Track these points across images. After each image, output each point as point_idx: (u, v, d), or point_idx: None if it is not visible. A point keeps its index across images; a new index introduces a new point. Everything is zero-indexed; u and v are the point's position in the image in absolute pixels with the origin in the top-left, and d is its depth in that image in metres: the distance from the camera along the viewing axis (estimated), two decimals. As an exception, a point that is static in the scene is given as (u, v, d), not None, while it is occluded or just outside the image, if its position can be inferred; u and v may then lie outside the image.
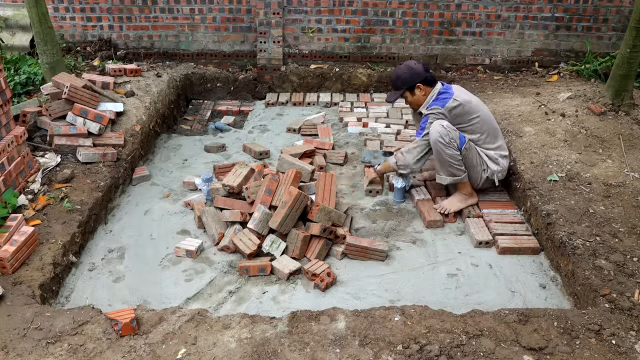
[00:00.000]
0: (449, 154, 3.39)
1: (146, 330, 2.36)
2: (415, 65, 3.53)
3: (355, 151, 4.42)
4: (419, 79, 3.49)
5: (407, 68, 3.54)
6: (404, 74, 3.53)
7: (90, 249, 3.24)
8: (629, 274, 2.71)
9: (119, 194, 3.77)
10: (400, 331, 2.33)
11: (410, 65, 3.54)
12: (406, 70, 3.54)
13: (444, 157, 3.41)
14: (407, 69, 3.54)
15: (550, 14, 5.47)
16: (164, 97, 4.96)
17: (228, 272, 3.06)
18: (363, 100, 5.45)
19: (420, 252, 3.25)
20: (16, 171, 3.29)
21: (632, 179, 3.45)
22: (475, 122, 3.46)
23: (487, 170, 3.53)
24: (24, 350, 2.25)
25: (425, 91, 3.52)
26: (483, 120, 3.49)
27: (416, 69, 3.51)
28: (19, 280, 2.67)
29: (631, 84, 4.24)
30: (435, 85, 3.53)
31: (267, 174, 3.49)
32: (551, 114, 4.32)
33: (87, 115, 3.89)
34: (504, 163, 3.58)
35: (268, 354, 2.22)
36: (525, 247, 3.22)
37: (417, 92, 3.53)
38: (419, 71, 3.50)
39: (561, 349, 2.26)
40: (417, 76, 3.49)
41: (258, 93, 5.72)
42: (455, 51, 5.70)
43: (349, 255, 3.18)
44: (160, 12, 5.68)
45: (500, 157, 3.56)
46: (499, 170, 3.55)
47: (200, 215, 3.41)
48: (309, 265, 3.01)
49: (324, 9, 5.56)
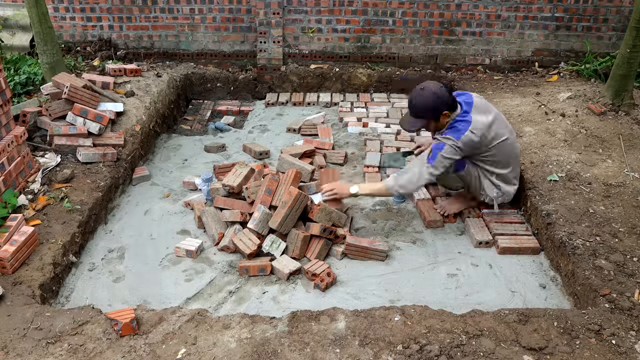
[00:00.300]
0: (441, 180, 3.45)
1: (146, 330, 2.36)
2: (440, 90, 3.05)
3: (355, 151, 4.42)
4: (445, 108, 3.07)
5: (432, 95, 3.04)
6: (428, 103, 3.05)
7: (90, 249, 3.24)
8: (629, 274, 2.71)
9: (119, 194, 3.77)
10: (400, 331, 2.34)
11: (434, 91, 3.04)
12: (430, 97, 3.04)
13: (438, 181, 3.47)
14: (431, 96, 3.04)
15: (550, 14, 5.47)
16: (164, 97, 4.96)
17: (228, 272, 3.06)
18: (363, 100, 5.45)
19: (420, 252, 3.25)
20: (16, 171, 3.29)
21: (632, 179, 3.45)
22: (492, 153, 3.18)
23: (486, 196, 3.38)
24: (24, 350, 2.25)
25: (450, 117, 3.13)
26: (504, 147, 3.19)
27: (441, 95, 3.04)
28: (19, 280, 2.67)
29: (631, 84, 4.24)
30: (457, 107, 3.14)
31: (267, 174, 3.49)
32: (551, 114, 4.32)
33: (87, 115, 3.89)
34: (506, 189, 3.35)
35: (268, 354, 2.22)
36: (525, 247, 3.22)
37: (442, 120, 3.12)
38: (444, 98, 3.05)
39: (561, 349, 2.26)
40: (443, 104, 3.06)
41: (258, 93, 5.72)
42: (455, 51, 5.70)
43: (349, 255, 3.18)
44: (160, 12, 5.68)
45: (504, 183, 3.33)
46: (499, 196, 3.35)
47: (200, 215, 3.41)
48: (309, 265, 3.01)
49: (324, 9, 5.57)
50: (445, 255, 3.22)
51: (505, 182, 3.35)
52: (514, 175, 3.37)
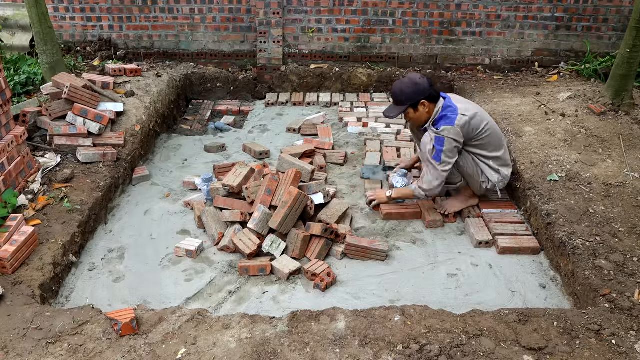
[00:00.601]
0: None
1: (146, 330, 2.36)
2: (420, 80, 3.26)
3: (355, 151, 4.42)
4: (423, 96, 3.23)
5: (412, 83, 3.26)
6: (408, 89, 3.25)
7: (90, 249, 3.24)
8: (629, 274, 2.71)
9: (119, 194, 3.77)
10: (400, 331, 2.33)
11: (415, 80, 3.26)
12: (410, 85, 3.25)
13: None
14: (411, 83, 3.25)
15: (550, 14, 5.47)
16: (164, 97, 4.96)
17: (228, 272, 3.06)
18: (363, 100, 5.45)
19: (420, 252, 3.25)
20: (16, 171, 3.29)
21: (632, 179, 3.45)
22: (485, 134, 3.30)
23: (488, 182, 3.43)
24: (24, 350, 2.25)
25: (429, 108, 3.28)
26: (491, 129, 3.33)
27: (421, 84, 3.24)
28: (19, 280, 2.67)
29: (631, 84, 4.24)
30: (438, 101, 3.30)
31: (267, 174, 3.49)
32: (551, 114, 4.32)
33: (87, 115, 3.89)
34: (505, 172, 3.45)
35: (268, 354, 2.22)
36: (525, 247, 3.22)
37: (420, 109, 3.28)
38: (423, 87, 3.23)
39: (561, 349, 2.26)
40: (422, 92, 3.23)
41: (258, 93, 5.72)
42: (455, 51, 5.70)
43: (349, 255, 3.18)
44: (160, 12, 5.68)
45: (502, 167, 3.43)
46: (500, 180, 3.43)
47: (200, 215, 3.41)
48: (309, 265, 3.01)
49: (324, 9, 5.57)
50: (445, 255, 3.22)
51: (502, 165, 3.43)
52: (507, 156, 3.48)
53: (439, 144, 3.21)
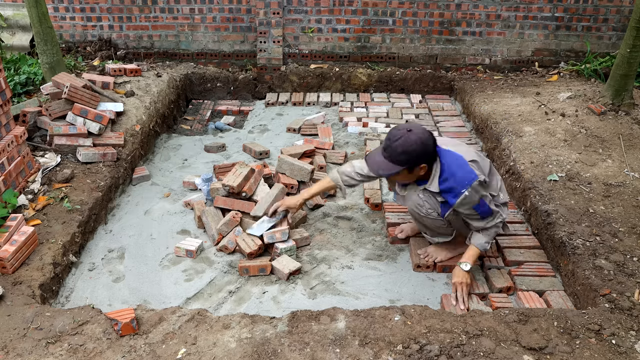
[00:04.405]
0: (430, 221, 2.90)
1: (146, 330, 2.36)
2: (428, 139, 2.63)
3: (355, 151, 4.42)
4: (426, 158, 2.67)
5: (419, 143, 2.60)
6: (413, 151, 2.60)
7: (90, 249, 3.24)
8: (629, 273, 2.71)
9: (119, 193, 3.77)
10: (400, 331, 2.33)
11: (423, 140, 2.61)
12: (416, 146, 2.59)
13: (426, 224, 2.94)
14: (417, 144, 2.59)
15: (550, 14, 5.48)
16: (164, 97, 4.96)
17: (228, 272, 3.06)
18: (363, 100, 5.46)
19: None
20: (16, 171, 3.29)
21: (632, 179, 3.45)
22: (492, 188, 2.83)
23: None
24: (24, 350, 2.25)
25: (424, 169, 2.71)
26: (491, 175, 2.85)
27: (428, 144, 2.63)
28: (19, 280, 2.67)
29: (631, 84, 4.24)
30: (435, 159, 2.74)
31: (269, 174, 3.50)
32: (551, 113, 4.32)
33: (87, 115, 3.89)
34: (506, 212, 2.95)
35: (268, 354, 2.22)
36: (525, 247, 3.21)
37: (416, 171, 2.70)
38: (430, 149, 2.64)
39: (561, 349, 2.26)
40: (426, 155, 2.65)
41: (258, 93, 5.73)
42: (455, 51, 5.70)
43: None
44: (160, 12, 5.68)
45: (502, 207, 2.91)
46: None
47: (200, 215, 3.41)
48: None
49: (324, 9, 5.57)
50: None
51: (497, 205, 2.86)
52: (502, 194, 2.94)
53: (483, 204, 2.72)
